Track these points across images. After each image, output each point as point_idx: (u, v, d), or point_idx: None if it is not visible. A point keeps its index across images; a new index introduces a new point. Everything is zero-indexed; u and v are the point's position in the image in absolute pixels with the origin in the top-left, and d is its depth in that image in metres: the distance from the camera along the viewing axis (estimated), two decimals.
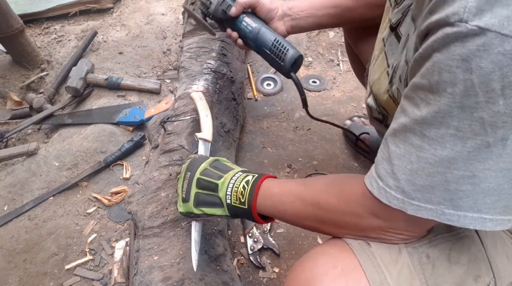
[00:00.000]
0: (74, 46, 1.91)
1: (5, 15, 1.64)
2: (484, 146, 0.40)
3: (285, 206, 0.61)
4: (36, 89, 1.81)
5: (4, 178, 1.34)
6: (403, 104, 0.47)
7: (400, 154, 0.46)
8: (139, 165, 1.36)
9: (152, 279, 0.78)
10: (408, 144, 0.45)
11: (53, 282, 1.06)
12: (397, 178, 0.46)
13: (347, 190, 0.55)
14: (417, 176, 0.45)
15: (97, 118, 1.52)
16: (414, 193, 0.45)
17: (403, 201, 0.46)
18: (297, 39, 1.94)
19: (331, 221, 0.57)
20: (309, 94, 1.64)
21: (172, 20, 2.05)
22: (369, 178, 0.51)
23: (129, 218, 1.18)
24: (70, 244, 1.14)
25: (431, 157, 0.43)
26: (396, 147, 0.47)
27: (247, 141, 1.42)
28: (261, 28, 0.94)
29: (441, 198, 0.44)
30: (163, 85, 1.67)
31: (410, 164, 0.45)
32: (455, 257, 0.55)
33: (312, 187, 0.60)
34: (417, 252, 0.54)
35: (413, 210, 0.46)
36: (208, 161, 0.74)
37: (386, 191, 0.48)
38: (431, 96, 0.42)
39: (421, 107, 0.43)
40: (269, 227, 1.14)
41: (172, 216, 0.89)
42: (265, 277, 1.05)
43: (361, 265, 0.52)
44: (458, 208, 0.44)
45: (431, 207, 0.45)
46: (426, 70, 0.42)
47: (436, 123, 0.42)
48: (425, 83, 0.42)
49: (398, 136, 0.47)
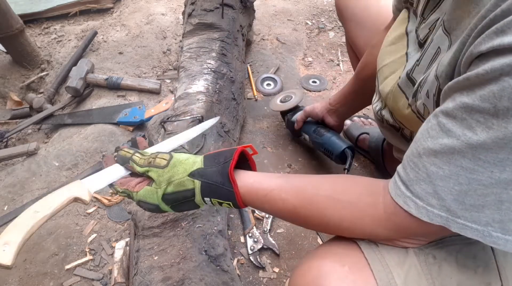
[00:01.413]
0: (74, 46, 1.91)
1: (5, 15, 1.64)
2: None
3: (278, 209, 0.59)
4: (36, 89, 1.81)
5: (4, 178, 1.34)
6: (446, 123, 0.44)
7: (445, 176, 0.44)
8: None
9: (152, 279, 0.78)
10: (456, 166, 0.43)
11: (53, 282, 1.06)
12: (441, 198, 0.44)
13: (363, 202, 0.53)
14: (467, 196, 0.43)
15: (97, 118, 1.52)
16: (461, 212, 0.44)
17: (447, 219, 0.45)
18: (297, 39, 1.94)
19: (340, 229, 0.55)
20: (309, 94, 1.64)
21: (172, 20, 2.05)
22: (402, 197, 0.48)
23: (129, 218, 1.18)
24: (70, 244, 1.14)
25: (486, 180, 0.41)
26: (438, 168, 0.44)
27: (247, 141, 1.42)
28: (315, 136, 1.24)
29: (490, 218, 0.42)
30: (163, 85, 1.67)
31: (458, 185, 0.43)
32: (463, 260, 0.54)
33: (317, 205, 0.56)
34: (423, 253, 0.54)
35: (457, 228, 0.44)
36: (158, 195, 0.64)
37: (428, 210, 0.46)
38: (494, 121, 0.39)
39: (477, 131, 0.40)
40: (269, 227, 1.14)
41: (172, 216, 0.89)
42: (265, 277, 1.05)
43: (369, 264, 0.52)
44: (506, 231, 0.42)
45: (478, 228, 0.43)
46: (491, 94, 0.39)
47: (496, 148, 0.40)
48: (488, 107, 0.39)
49: (440, 158, 0.44)
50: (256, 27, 1.99)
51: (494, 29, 0.38)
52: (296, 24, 2.06)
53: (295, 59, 1.84)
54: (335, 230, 0.56)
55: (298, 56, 1.86)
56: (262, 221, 1.16)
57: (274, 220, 1.17)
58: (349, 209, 0.53)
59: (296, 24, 2.06)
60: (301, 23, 2.07)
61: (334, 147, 1.16)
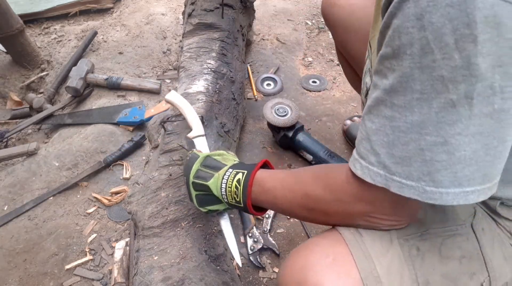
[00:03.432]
0: (74, 46, 1.91)
1: (5, 15, 1.64)
2: (450, 105, 0.40)
3: (278, 200, 0.63)
4: (36, 89, 1.81)
5: (4, 178, 1.34)
6: (374, 80, 0.47)
7: (376, 129, 0.46)
8: (139, 165, 1.36)
9: (152, 279, 0.78)
10: (382, 117, 0.45)
11: (53, 282, 1.06)
12: (377, 153, 0.46)
13: (331, 179, 0.56)
14: (394, 147, 0.45)
15: (97, 118, 1.52)
16: (394, 167, 0.45)
17: (386, 178, 0.46)
18: (297, 39, 1.94)
19: (321, 210, 0.58)
20: (309, 94, 1.64)
21: (172, 20, 2.05)
22: (352, 161, 0.51)
23: (129, 218, 1.18)
24: (70, 244, 1.14)
25: (403, 125, 0.43)
26: (371, 123, 0.47)
27: (247, 141, 1.42)
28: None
29: (420, 172, 0.43)
30: (163, 85, 1.67)
31: (386, 136, 0.45)
32: (446, 251, 0.55)
33: (301, 179, 0.61)
34: (407, 244, 0.55)
35: (396, 188, 0.45)
36: (199, 160, 0.74)
37: (369, 169, 0.47)
38: (394, 62, 0.42)
39: (388, 76, 0.43)
40: (269, 227, 1.14)
41: (172, 216, 0.89)
42: (265, 277, 1.05)
43: (352, 255, 0.53)
44: (438, 184, 0.43)
45: (412, 184, 0.44)
46: (388, 38, 0.42)
47: (402, 89, 0.42)
48: (389, 51, 0.42)
49: (372, 112, 0.47)
50: (256, 27, 1.99)
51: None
52: (296, 24, 2.06)
53: (295, 59, 1.84)
54: (315, 207, 0.58)
55: (298, 56, 1.86)
56: (262, 221, 1.16)
57: (274, 220, 1.17)
58: (324, 182, 0.57)
59: (296, 24, 2.06)
60: (301, 23, 2.07)
61: None
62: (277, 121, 1.30)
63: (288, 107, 1.34)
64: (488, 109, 0.39)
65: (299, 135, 1.33)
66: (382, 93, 0.45)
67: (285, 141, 1.35)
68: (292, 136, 1.32)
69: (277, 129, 1.34)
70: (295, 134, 1.33)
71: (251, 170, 0.67)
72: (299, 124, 1.34)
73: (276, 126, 1.31)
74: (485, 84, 0.38)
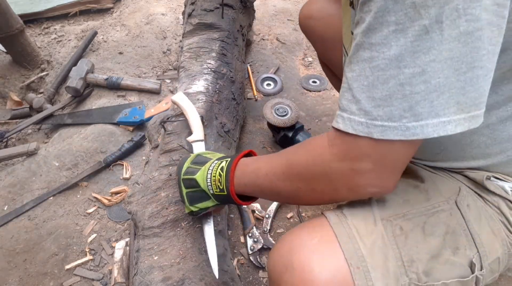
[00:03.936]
0: (74, 46, 1.91)
1: (5, 15, 1.64)
2: (424, 32, 0.41)
3: (260, 179, 0.62)
4: (36, 89, 1.81)
5: (4, 178, 1.34)
6: (354, 32, 0.48)
7: (357, 75, 0.47)
8: (139, 165, 1.36)
9: (152, 279, 0.78)
10: (361, 62, 0.46)
11: (53, 282, 1.06)
12: (358, 101, 0.47)
13: (312, 144, 0.57)
14: (374, 89, 0.45)
15: (97, 118, 1.52)
16: (375, 111, 0.45)
17: (367, 125, 0.46)
18: (297, 39, 1.94)
19: (304, 180, 0.56)
20: (309, 94, 1.64)
21: (172, 20, 2.05)
22: (335, 118, 0.51)
23: (129, 218, 1.18)
24: (70, 244, 1.14)
25: (382, 62, 0.44)
26: (351, 71, 0.47)
27: (247, 141, 1.42)
28: None
29: (401, 109, 0.44)
30: (163, 85, 1.67)
31: (366, 79, 0.46)
32: (430, 229, 0.57)
33: (284, 152, 0.62)
34: (391, 225, 0.56)
35: (379, 133, 0.46)
36: (189, 159, 0.76)
37: (351, 120, 0.47)
38: (371, 3, 0.43)
39: (365, 18, 0.45)
40: (269, 227, 1.14)
41: (172, 216, 0.89)
42: (265, 277, 1.05)
43: (336, 236, 0.55)
44: (418, 117, 0.44)
45: (395, 125, 0.45)
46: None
47: (378, 26, 0.43)
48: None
49: (352, 61, 0.47)
50: (256, 27, 1.99)
51: None
52: (296, 24, 2.06)
53: (295, 59, 1.84)
54: (300, 175, 0.57)
55: (298, 56, 1.86)
56: (262, 221, 1.16)
57: (274, 220, 1.17)
58: (306, 148, 0.58)
59: (296, 24, 2.06)
60: None
61: None
62: (277, 121, 1.30)
63: (288, 107, 1.34)
64: (455, 32, 0.40)
65: (299, 135, 1.33)
66: (360, 37, 0.46)
67: (285, 141, 1.35)
68: (292, 136, 1.32)
69: (277, 129, 1.34)
70: (295, 134, 1.33)
71: (235, 157, 0.68)
72: (299, 124, 1.34)
73: (276, 126, 1.31)
74: (451, 6, 0.39)
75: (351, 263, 0.52)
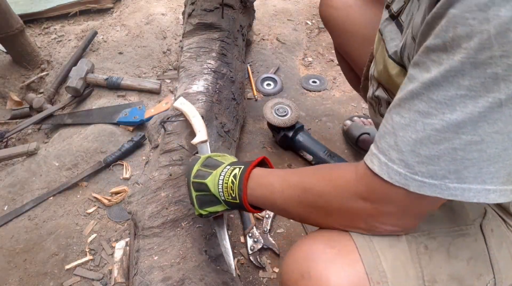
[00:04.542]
0: (74, 46, 1.91)
1: (5, 15, 1.64)
2: (497, 105, 0.38)
3: (274, 194, 0.61)
4: (36, 89, 1.81)
5: (4, 178, 1.34)
6: (412, 73, 0.44)
7: (405, 124, 0.44)
8: (139, 165, 1.36)
9: (152, 279, 0.78)
10: (414, 112, 0.43)
11: (53, 282, 1.06)
12: (400, 150, 0.44)
13: (336, 174, 0.55)
14: (422, 146, 0.42)
15: (97, 118, 1.52)
16: (418, 166, 0.43)
17: (406, 177, 0.44)
18: (297, 39, 1.94)
19: (320, 208, 0.56)
20: (309, 94, 1.64)
21: (172, 20, 2.05)
22: (369, 155, 0.48)
23: (129, 218, 1.18)
24: (70, 244, 1.14)
25: (439, 123, 0.41)
26: (400, 117, 0.44)
27: (247, 141, 1.42)
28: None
29: (446, 170, 0.42)
30: (163, 85, 1.67)
31: (415, 133, 0.43)
32: (455, 251, 0.55)
33: (301, 173, 0.60)
34: (415, 242, 0.54)
35: (416, 187, 0.44)
36: (199, 161, 0.74)
37: (388, 166, 0.45)
38: (444, 56, 0.39)
39: (431, 69, 0.41)
40: (269, 227, 1.14)
41: (172, 216, 0.89)
42: (265, 277, 1.05)
43: (357, 247, 0.53)
44: (462, 180, 0.42)
45: (435, 183, 0.42)
46: (440, 29, 0.39)
47: (446, 84, 0.39)
48: (439, 43, 0.40)
49: (403, 106, 0.44)
50: (256, 27, 1.99)
51: None
52: (296, 24, 2.06)
53: (295, 59, 1.84)
54: (315, 203, 0.56)
55: (298, 56, 1.86)
56: (262, 221, 1.16)
57: (274, 220, 1.17)
58: (328, 177, 0.55)
59: (296, 24, 2.06)
60: (301, 23, 2.07)
61: None
62: (277, 121, 1.30)
63: (288, 107, 1.34)
64: None
65: (299, 135, 1.33)
66: (420, 87, 0.42)
67: (285, 141, 1.35)
68: (292, 136, 1.32)
69: (277, 129, 1.34)
70: (295, 134, 1.33)
71: (248, 165, 0.66)
72: (299, 124, 1.34)
73: (276, 126, 1.31)
74: None
75: (372, 278, 0.51)
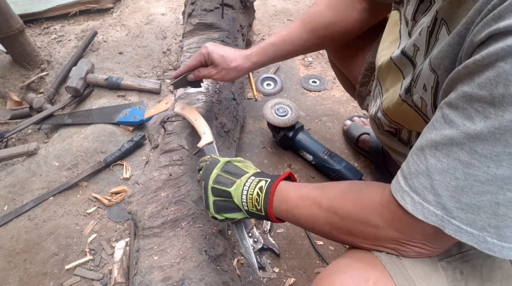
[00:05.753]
0: (74, 46, 1.91)
1: (5, 15, 1.64)
2: None
3: (300, 210, 0.60)
4: (36, 89, 1.81)
5: (4, 178, 1.34)
6: (448, 114, 0.42)
7: (443, 169, 0.42)
8: (139, 165, 1.36)
9: (152, 279, 0.78)
10: (454, 159, 0.41)
11: (53, 282, 1.06)
12: (437, 194, 0.43)
13: (364, 197, 0.53)
14: (463, 194, 0.41)
15: (97, 118, 1.52)
16: (456, 212, 0.42)
17: (442, 219, 0.43)
18: None
19: (346, 228, 0.55)
20: (309, 94, 1.64)
21: (172, 20, 2.05)
22: (399, 191, 0.47)
23: (129, 218, 1.18)
24: (70, 244, 1.14)
25: (482, 175, 0.40)
26: (437, 161, 0.43)
27: (247, 141, 1.42)
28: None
29: (486, 223, 0.41)
30: (163, 85, 1.67)
31: (455, 180, 0.41)
32: (487, 274, 0.53)
33: (329, 192, 0.59)
34: (451, 268, 0.53)
35: (452, 230, 0.42)
36: (219, 166, 0.73)
37: (424, 207, 0.44)
38: (491, 110, 0.38)
39: (476, 120, 0.39)
40: (269, 227, 1.14)
41: (172, 216, 0.89)
42: (265, 277, 1.05)
43: (392, 279, 0.51)
44: (502, 238, 0.40)
45: (473, 232, 0.41)
46: (488, 81, 0.38)
47: (493, 140, 0.38)
48: (485, 95, 0.38)
49: (440, 150, 0.43)
50: (256, 27, 1.99)
51: (492, 16, 0.38)
52: None
53: (295, 59, 1.84)
54: (340, 224, 0.56)
55: (298, 56, 1.86)
56: (262, 221, 1.16)
57: None
58: (354, 201, 0.54)
59: None
60: None
61: (349, 175, 1.23)
62: (277, 121, 1.30)
63: (288, 107, 1.34)
64: None
65: (299, 135, 1.33)
66: (462, 137, 0.40)
67: (285, 141, 1.35)
68: (292, 136, 1.32)
69: (277, 129, 1.34)
70: (295, 134, 1.33)
71: (275, 179, 0.66)
72: (299, 124, 1.34)
73: (276, 126, 1.31)
74: None
75: None
